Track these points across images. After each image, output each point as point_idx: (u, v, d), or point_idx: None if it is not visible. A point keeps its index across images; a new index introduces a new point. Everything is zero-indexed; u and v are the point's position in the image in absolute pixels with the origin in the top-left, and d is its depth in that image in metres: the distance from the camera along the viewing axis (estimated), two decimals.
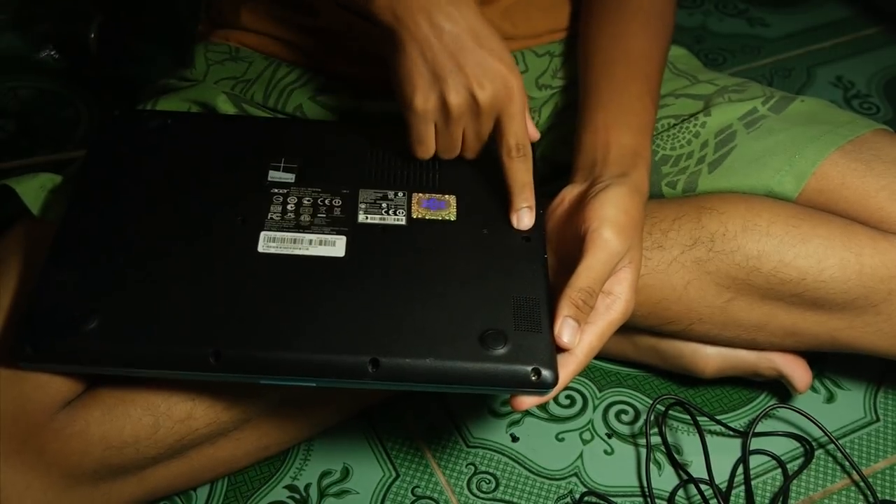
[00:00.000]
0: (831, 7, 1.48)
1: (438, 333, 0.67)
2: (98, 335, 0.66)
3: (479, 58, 0.70)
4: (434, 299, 0.69)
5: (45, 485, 0.68)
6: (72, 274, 0.68)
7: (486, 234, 0.74)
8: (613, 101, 0.80)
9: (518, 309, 0.69)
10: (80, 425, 0.69)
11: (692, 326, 0.83)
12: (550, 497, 0.85)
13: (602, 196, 0.70)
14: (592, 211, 0.69)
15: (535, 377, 0.66)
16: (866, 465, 0.88)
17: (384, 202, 0.75)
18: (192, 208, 0.73)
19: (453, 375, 0.66)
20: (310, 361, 0.66)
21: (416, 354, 0.66)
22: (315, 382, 0.67)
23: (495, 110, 0.71)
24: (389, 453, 0.87)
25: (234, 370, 0.66)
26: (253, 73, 0.89)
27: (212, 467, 0.79)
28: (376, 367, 0.65)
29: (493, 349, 0.66)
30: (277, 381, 0.67)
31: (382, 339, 0.66)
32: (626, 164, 0.75)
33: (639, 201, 0.72)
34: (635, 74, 0.82)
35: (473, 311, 0.68)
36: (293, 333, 0.66)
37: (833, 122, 0.85)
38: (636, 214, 0.71)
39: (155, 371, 0.68)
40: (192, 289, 0.68)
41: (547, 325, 0.68)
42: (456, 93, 0.70)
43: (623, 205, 0.70)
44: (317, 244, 0.72)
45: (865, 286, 0.78)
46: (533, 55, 0.92)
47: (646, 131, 0.79)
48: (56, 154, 1.17)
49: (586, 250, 0.68)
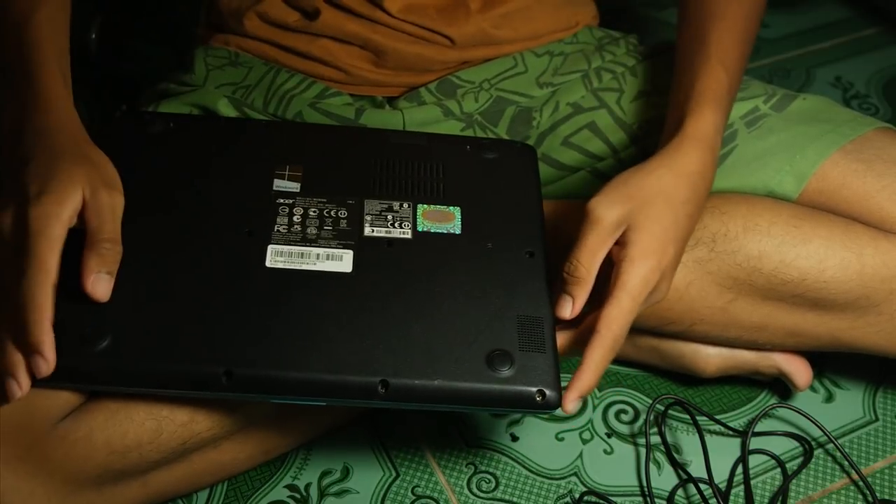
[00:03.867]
0: (831, 7, 1.48)
1: (446, 354, 0.68)
2: (109, 355, 0.66)
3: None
4: (441, 317, 0.70)
5: (48, 491, 0.68)
6: (80, 291, 0.67)
7: (490, 248, 0.74)
8: (679, 76, 0.80)
9: (522, 328, 0.70)
10: (84, 431, 0.69)
11: (693, 327, 0.83)
12: (550, 497, 0.85)
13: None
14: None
15: (539, 398, 0.67)
16: (865, 464, 0.88)
17: (390, 214, 0.75)
18: (199, 219, 0.73)
19: (461, 397, 0.67)
20: (321, 382, 0.66)
21: (425, 376, 0.67)
22: (325, 402, 0.68)
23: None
24: (389, 453, 0.87)
25: (245, 390, 0.66)
26: (253, 78, 0.89)
27: (214, 471, 0.79)
28: (386, 389, 0.66)
29: (499, 371, 0.67)
30: (288, 400, 0.67)
31: (392, 360, 0.67)
32: (666, 141, 0.74)
33: (652, 174, 0.71)
34: (697, 43, 0.80)
35: (479, 330, 0.69)
36: (304, 353, 0.67)
37: (835, 121, 0.85)
38: (640, 186, 0.70)
39: (165, 391, 0.68)
40: (202, 306, 0.68)
41: (551, 345, 0.69)
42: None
43: (623, 178, 0.71)
44: (324, 259, 0.72)
45: (867, 286, 0.78)
46: (532, 55, 0.92)
47: (702, 98, 0.76)
48: None
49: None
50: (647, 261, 0.68)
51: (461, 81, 0.89)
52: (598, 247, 0.69)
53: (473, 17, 0.88)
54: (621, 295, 0.68)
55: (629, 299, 0.68)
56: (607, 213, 0.69)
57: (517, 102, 0.90)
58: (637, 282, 0.68)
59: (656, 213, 0.70)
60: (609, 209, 0.69)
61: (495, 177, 0.80)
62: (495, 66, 0.90)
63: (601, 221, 0.69)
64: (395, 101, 0.89)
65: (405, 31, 0.86)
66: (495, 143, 0.84)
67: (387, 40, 0.87)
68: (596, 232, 0.69)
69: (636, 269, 0.68)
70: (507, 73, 0.90)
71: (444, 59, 0.88)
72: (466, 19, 0.87)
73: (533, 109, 0.91)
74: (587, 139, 0.90)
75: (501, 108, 0.90)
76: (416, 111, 0.88)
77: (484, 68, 0.90)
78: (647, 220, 0.69)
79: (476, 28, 0.88)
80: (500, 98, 0.90)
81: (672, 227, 0.70)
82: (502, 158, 0.82)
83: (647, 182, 0.71)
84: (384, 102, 0.90)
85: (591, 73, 0.92)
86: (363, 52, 0.88)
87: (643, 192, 0.70)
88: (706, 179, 0.74)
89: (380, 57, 0.88)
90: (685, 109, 0.75)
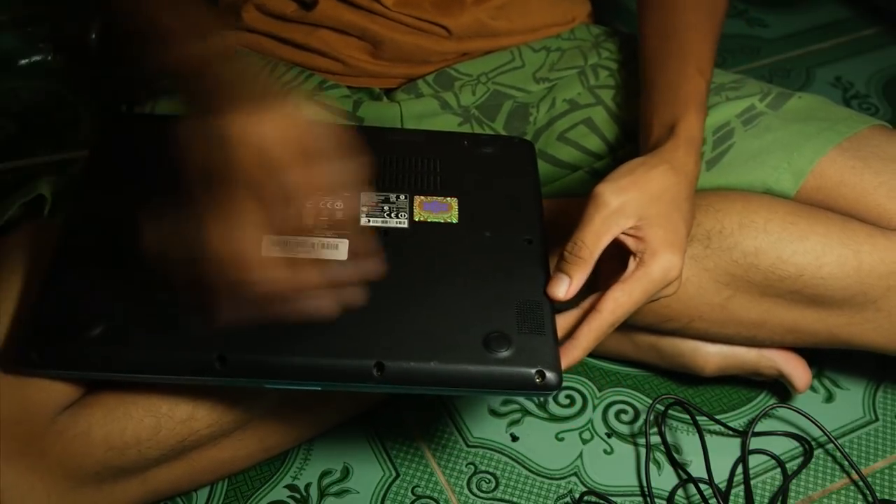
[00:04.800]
0: (830, 7, 1.48)
1: (442, 337, 0.67)
2: (103, 341, 0.66)
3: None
4: (437, 302, 0.69)
5: (47, 487, 0.68)
6: (76, 280, 0.68)
7: (488, 237, 0.74)
8: (655, 81, 0.80)
9: (521, 311, 0.69)
10: (82, 427, 0.69)
11: (691, 324, 0.83)
12: (550, 497, 0.85)
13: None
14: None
15: (539, 379, 0.66)
16: (865, 464, 0.88)
17: (386, 205, 0.76)
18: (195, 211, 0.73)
19: (458, 378, 0.66)
20: (315, 365, 0.66)
21: (420, 358, 0.66)
22: (320, 386, 0.67)
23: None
24: (389, 453, 0.87)
25: (239, 375, 0.66)
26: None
27: (213, 468, 0.79)
28: (381, 371, 0.66)
29: (496, 352, 0.67)
30: (282, 384, 0.67)
31: (387, 343, 0.67)
32: (661, 141, 0.75)
33: (656, 168, 0.71)
34: (674, 51, 0.81)
35: (477, 313, 0.69)
36: (298, 337, 0.66)
37: (831, 118, 0.85)
38: (647, 178, 0.70)
39: (160, 377, 0.68)
40: (195, 293, 0.68)
41: (550, 328, 0.68)
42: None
43: (629, 167, 0.71)
44: (320, 248, 0.72)
45: (864, 283, 0.78)
46: (529, 50, 0.92)
47: (687, 103, 0.77)
48: (56, 154, 1.17)
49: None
50: (671, 254, 0.68)
51: (459, 74, 0.90)
52: (603, 230, 0.68)
53: (469, 9, 0.88)
54: (636, 283, 0.67)
55: (641, 289, 0.68)
56: (614, 198, 0.69)
57: (514, 97, 0.91)
58: (658, 273, 0.68)
59: (666, 210, 0.70)
60: (615, 194, 0.69)
61: (493, 169, 0.80)
62: (493, 60, 0.91)
63: (608, 205, 0.68)
64: (393, 94, 0.90)
65: (402, 21, 0.87)
66: (493, 139, 0.84)
67: (384, 30, 0.87)
68: (602, 214, 0.68)
69: (659, 261, 0.68)
70: (504, 67, 0.91)
71: (441, 49, 0.89)
72: (462, 10, 0.88)
73: (530, 105, 0.91)
74: (583, 135, 0.90)
75: (499, 102, 0.90)
76: (414, 103, 0.88)
77: (481, 61, 0.91)
78: (660, 216, 0.69)
79: (472, 18, 0.88)
80: (497, 92, 0.90)
81: (682, 226, 0.70)
82: (500, 153, 0.82)
83: (653, 176, 0.71)
84: (382, 95, 0.90)
85: (588, 69, 0.92)
86: (361, 42, 0.88)
87: (650, 185, 0.70)
88: (696, 183, 0.75)
89: (377, 47, 0.88)
90: (675, 113, 0.76)
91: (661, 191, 0.70)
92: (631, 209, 0.69)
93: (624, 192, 0.69)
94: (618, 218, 0.69)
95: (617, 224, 0.69)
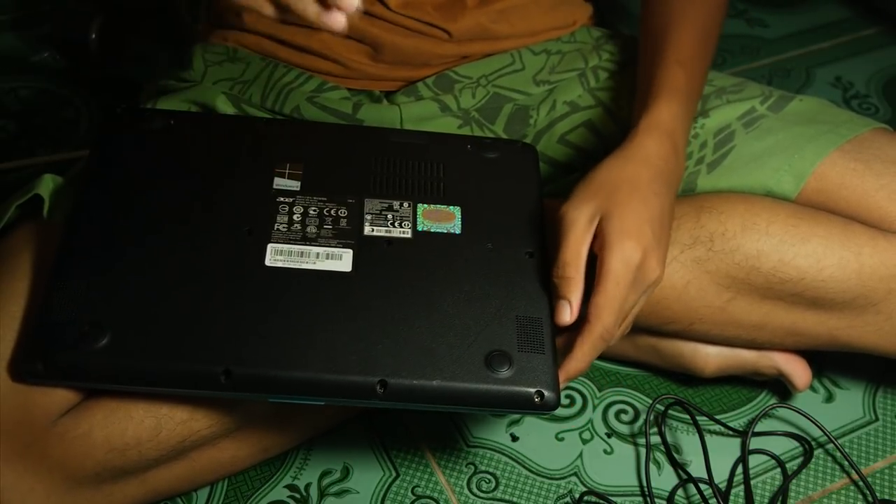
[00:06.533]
0: (830, 7, 1.48)
1: (445, 354, 0.68)
2: (108, 353, 0.66)
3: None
4: (440, 318, 0.70)
5: (47, 488, 0.68)
6: (79, 288, 0.68)
7: (490, 249, 0.75)
8: (638, 78, 0.81)
9: (521, 328, 0.70)
10: (83, 428, 0.69)
11: (692, 326, 0.83)
12: (550, 496, 0.85)
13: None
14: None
15: (538, 399, 0.67)
16: (865, 464, 0.88)
17: (390, 213, 0.76)
18: (199, 217, 0.73)
19: (459, 397, 0.67)
20: (319, 381, 0.66)
21: (423, 376, 0.67)
22: (324, 401, 0.68)
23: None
24: (389, 453, 0.87)
25: (243, 389, 0.67)
26: (251, 73, 0.89)
27: (213, 468, 0.79)
28: (385, 388, 0.66)
29: (497, 371, 0.67)
30: (287, 399, 0.67)
31: (391, 360, 0.67)
32: (633, 135, 0.76)
33: (609, 164, 0.73)
34: (658, 47, 0.82)
35: (479, 330, 0.69)
36: (303, 353, 0.67)
37: (832, 121, 0.85)
38: (603, 178, 0.72)
39: (164, 389, 0.68)
40: (201, 304, 0.68)
41: (549, 346, 0.69)
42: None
43: (589, 177, 0.72)
44: (324, 258, 0.72)
45: (865, 285, 0.78)
46: (530, 53, 0.92)
47: (658, 92, 0.78)
48: (56, 154, 1.17)
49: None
50: (623, 242, 0.69)
51: (459, 77, 0.90)
52: (580, 244, 0.70)
53: (471, 12, 0.88)
54: (605, 281, 0.68)
55: (613, 284, 0.68)
56: (579, 214, 0.70)
57: (514, 100, 0.91)
58: (618, 265, 0.68)
59: (623, 198, 0.71)
60: (579, 209, 0.70)
61: (496, 176, 0.80)
62: (493, 63, 0.91)
63: (576, 222, 0.70)
64: (393, 96, 0.90)
65: (403, 24, 0.87)
66: (496, 143, 0.84)
67: (385, 33, 0.87)
68: (573, 232, 0.70)
69: (614, 253, 0.68)
70: (504, 70, 0.91)
71: (441, 52, 0.89)
72: (463, 14, 0.88)
73: (530, 108, 0.91)
74: (583, 138, 0.90)
75: (499, 105, 0.90)
76: (414, 106, 0.88)
77: (482, 64, 0.90)
78: (615, 206, 0.70)
79: (473, 22, 0.88)
80: (497, 95, 0.90)
81: (642, 208, 0.71)
82: (503, 158, 0.82)
83: (609, 175, 0.73)
84: (382, 97, 0.90)
85: (588, 71, 0.92)
86: (361, 45, 0.88)
87: (607, 184, 0.72)
88: (668, 163, 0.75)
89: (378, 50, 0.88)
90: (644, 104, 0.78)
91: (618, 184, 0.72)
92: (596, 215, 0.70)
93: (585, 204, 0.71)
94: (588, 228, 0.70)
95: (589, 233, 0.70)
